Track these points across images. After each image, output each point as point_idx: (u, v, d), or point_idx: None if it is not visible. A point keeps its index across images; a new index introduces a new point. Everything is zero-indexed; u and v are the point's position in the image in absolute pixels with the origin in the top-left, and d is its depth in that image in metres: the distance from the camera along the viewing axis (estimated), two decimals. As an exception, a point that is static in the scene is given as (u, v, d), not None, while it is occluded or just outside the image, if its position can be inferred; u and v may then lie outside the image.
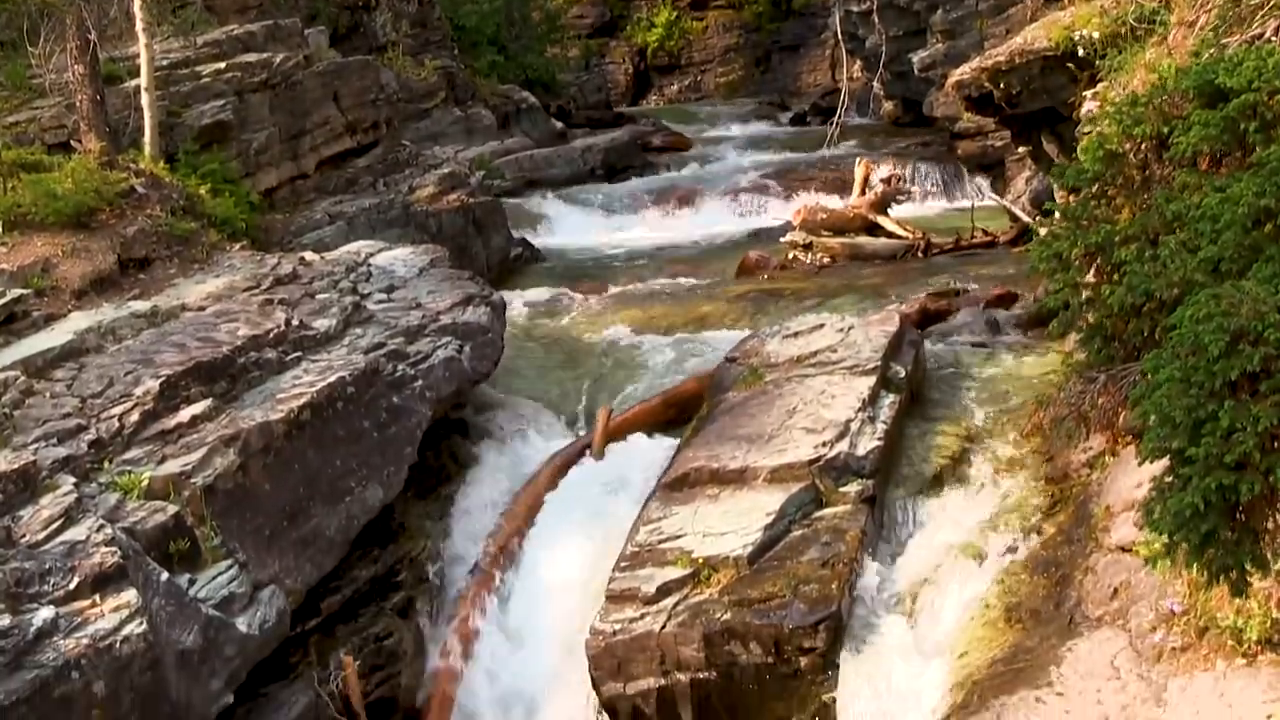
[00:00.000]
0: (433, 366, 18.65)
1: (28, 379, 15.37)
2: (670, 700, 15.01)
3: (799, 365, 19.59)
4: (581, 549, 17.76)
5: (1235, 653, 11.69)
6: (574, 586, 17.29)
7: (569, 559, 17.77)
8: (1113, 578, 13.66)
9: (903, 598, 15.64)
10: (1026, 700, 12.49)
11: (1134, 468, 13.98)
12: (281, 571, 14.90)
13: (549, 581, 17.57)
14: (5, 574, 11.87)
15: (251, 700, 14.48)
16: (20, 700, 10.94)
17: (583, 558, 17.58)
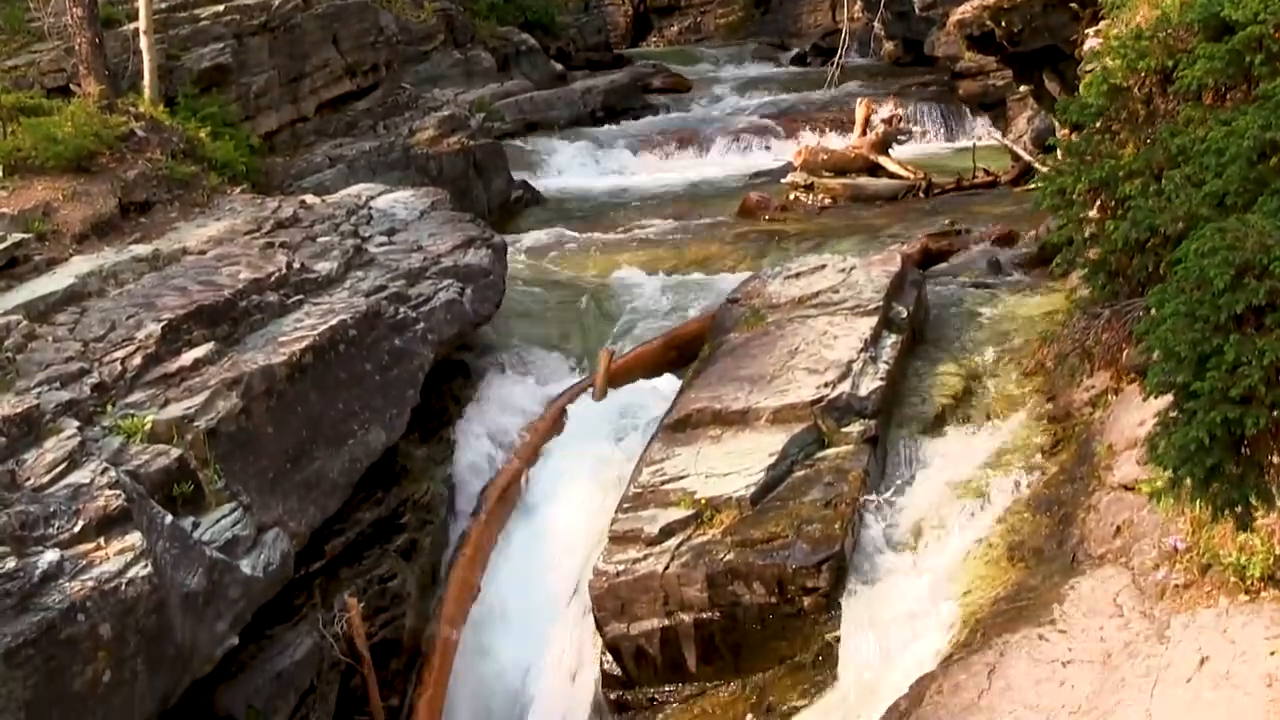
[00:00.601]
0: (434, 309, 18.64)
1: (30, 323, 15.34)
2: (674, 640, 15.05)
3: (801, 306, 19.58)
4: (584, 490, 17.79)
5: (1238, 589, 11.70)
6: (577, 528, 17.33)
7: (571, 501, 17.81)
8: (1115, 516, 13.67)
9: (905, 537, 15.66)
10: (1029, 638, 12.50)
11: (1137, 406, 14.00)
12: (285, 514, 14.91)
13: (552, 523, 17.61)
14: (10, 517, 11.87)
15: (256, 642, 14.51)
16: (27, 642, 10.95)
17: (585, 499, 17.62)
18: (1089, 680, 11.62)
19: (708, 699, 15.01)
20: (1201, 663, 10.99)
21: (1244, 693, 10.47)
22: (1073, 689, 11.59)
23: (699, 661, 15.07)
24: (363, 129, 29.62)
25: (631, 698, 15.34)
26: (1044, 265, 20.21)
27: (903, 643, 14.25)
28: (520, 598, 16.94)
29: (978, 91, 37.01)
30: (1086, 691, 11.46)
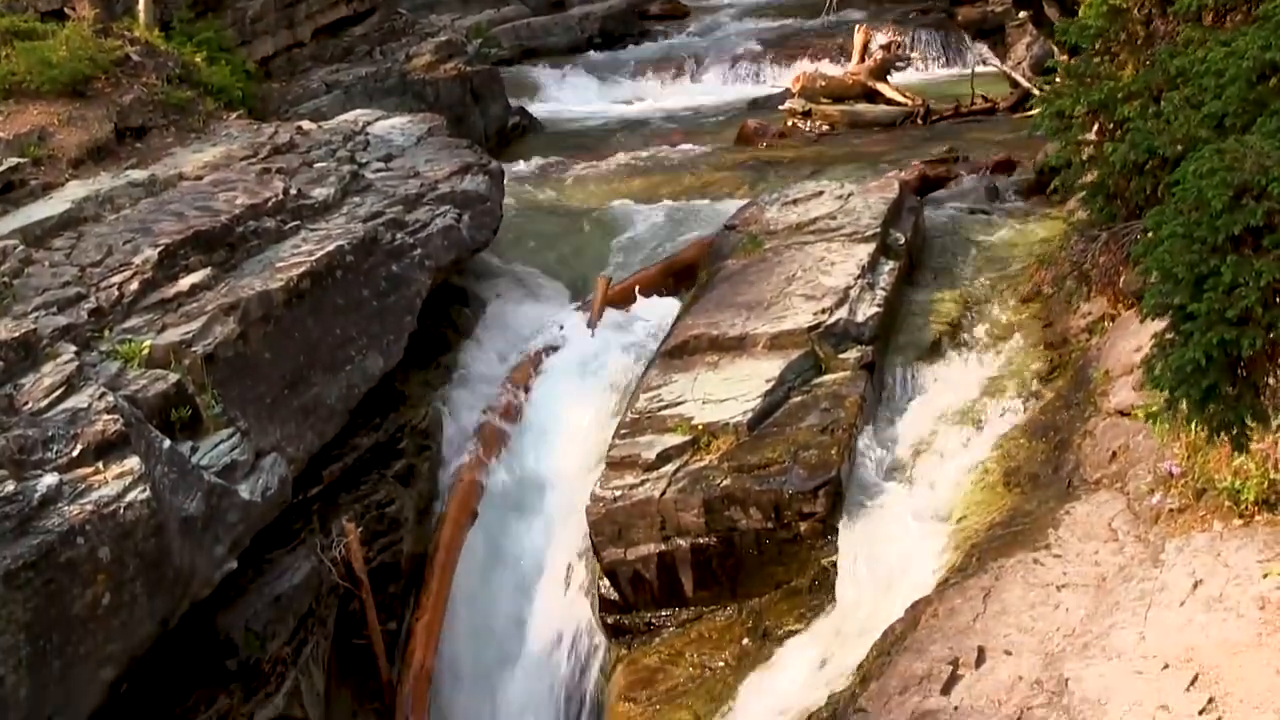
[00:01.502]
0: (431, 235, 18.61)
1: (26, 248, 15.33)
2: (670, 565, 15.11)
3: (798, 232, 19.58)
4: (581, 417, 17.83)
5: (1232, 514, 11.75)
6: (573, 453, 17.37)
7: (568, 427, 17.84)
8: (1111, 441, 13.71)
9: (902, 463, 15.72)
10: (1024, 562, 12.56)
11: (1133, 332, 14.04)
12: (283, 439, 14.93)
13: (549, 449, 17.65)
14: (8, 441, 11.89)
15: (255, 566, 14.57)
16: (27, 565, 11.00)
17: (582, 425, 17.66)
18: (1083, 603, 11.68)
19: (704, 623, 15.10)
20: (1195, 586, 11.06)
21: (1237, 615, 10.54)
22: (1067, 612, 11.65)
23: (696, 586, 15.13)
24: (359, 55, 29.47)
25: (629, 622, 15.41)
26: (1042, 192, 20.21)
27: (899, 567, 14.31)
28: (518, 522, 17.01)
29: (976, 18, 36.88)
30: (1080, 614, 11.52)
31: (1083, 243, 13.85)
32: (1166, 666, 10.25)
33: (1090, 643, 10.96)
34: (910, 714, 11.13)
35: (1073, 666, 10.66)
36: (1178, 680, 10.03)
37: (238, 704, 13.70)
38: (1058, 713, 10.26)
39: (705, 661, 14.73)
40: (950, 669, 11.42)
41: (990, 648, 11.52)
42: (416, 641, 15.89)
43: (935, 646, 11.87)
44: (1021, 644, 11.44)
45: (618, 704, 14.81)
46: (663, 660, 14.95)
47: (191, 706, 13.46)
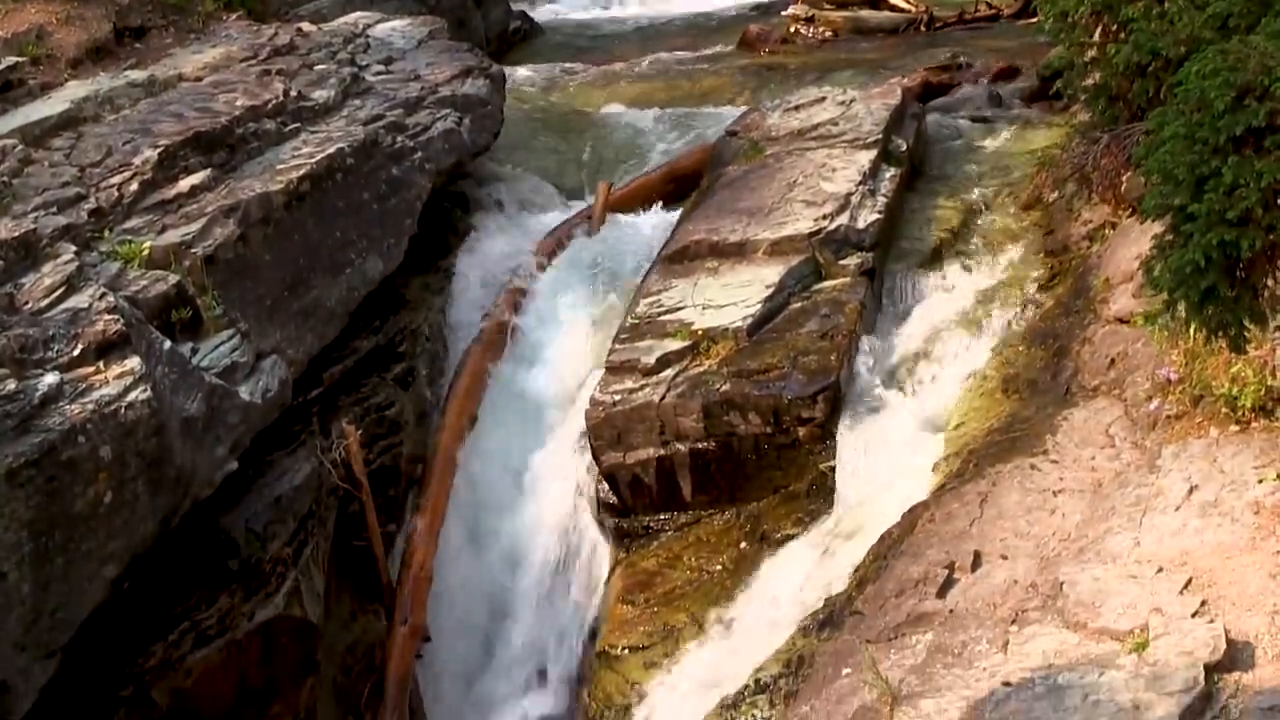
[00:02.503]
0: (432, 139, 18.54)
1: (25, 147, 15.26)
2: (669, 470, 15.18)
3: (800, 139, 19.51)
4: (580, 320, 17.85)
5: (1229, 420, 11.80)
6: (573, 358, 17.41)
7: (568, 331, 17.87)
8: (1110, 348, 13.75)
9: (901, 369, 15.76)
10: (1021, 468, 12.63)
11: (1134, 239, 14.03)
12: (283, 341, 14.94)
13: (548, 353, 17.68)
14: (9, 340, 11.88)
15: (255, 468, 14.62)
16: (28, 463, 11.02)
17: (582, 330, 17.68)
18: (1079, 509, 11.76)
19: (703, 527, 15.19)
20: (1191, 491, 11.12)
21: (1231, 520, 10.60)
22: (1063, 517, 11.73)
23: (694, 491, 15.22)
24: (359, -44, 29.21)
25: (628, 525, 15.51)
26: (1045, 99, 20.11)
27: (896, 473, 14.39)
28: (517, 427, 17.06)
29: (982, -77, 36.47)
30: (1077, 520, 11.60)
31: (1084, 145, 13.79)
32: (1161, 570, 10.33)
33: (1085, 547, 11.04)
34: (906, 617, 11.22)
35: (1068, 570, 10.73)
36: (1172, 583, 10.11)
37: (238, 603, 13.78)
38: (1052, 615, 10.34)
39: (703, 565, 14.83)
40: (946, 573, 11.52)
41: (986, 552, 11.61)
42: (416, 543, 16.00)
43: (931, 551, 11.96)
44: (1017, 548, 11.53)
45: (616, 606, 14.93)
46: (661, 563, 15.06)
47: (193, 605, 13.54)
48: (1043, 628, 10.26)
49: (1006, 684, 9.72)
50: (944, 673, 10.20)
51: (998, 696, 9.62)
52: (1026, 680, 9.68)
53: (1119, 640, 9.77)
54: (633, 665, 14.21)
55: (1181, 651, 9.37)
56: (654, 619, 14.52)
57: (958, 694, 9.86)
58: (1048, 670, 9.71)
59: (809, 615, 12.93)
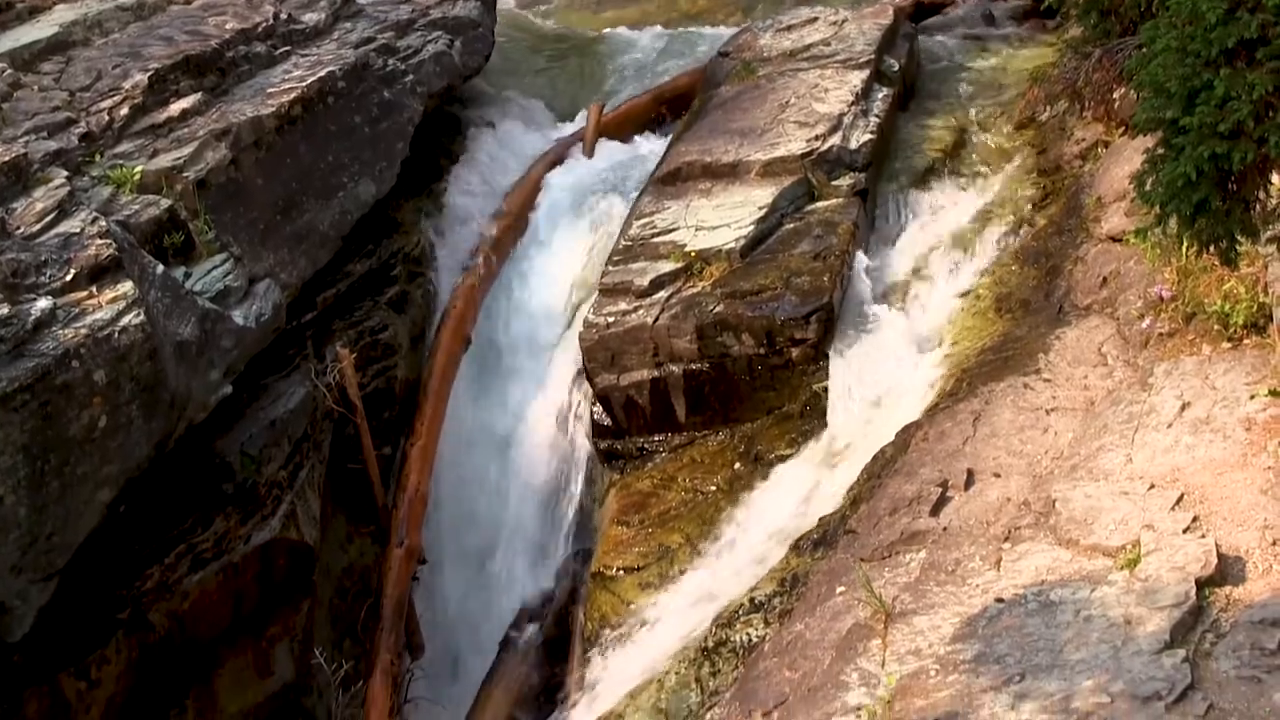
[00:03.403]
0: (423, 61, 18.49)
1: (14, 72, 15.18)
2: (663, 391, 15.21)
3: (792, 59, 19.45)
4: (574, 243, 17.83)
5: (1221, 337, 11.81)
6: (567, 280, 17.41)
7: (561, 253, 17.86)
8: (1102, 267, 13.75)
9: (894, 289, 15.77)
10: (1014, 386, 12.65)
11: (1126, 158, 14.01)
12: (276, 265, 14.92)
13: (542, 275, 17.68)
14: (2, 265, 11.85)
15: (250, 391, 14.62)
16: (22, 387, 11.01)
17: (575, 251, 17.67)
18: (1072, 426, 11.78)
19: (697, 448, 15.23)
20: (1182, 408, 11.14)
21: (1223, 436, 10.63)
22: (1056, 435, 11.76)
23: (688, 412, 15.25)
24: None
25: (621, 447, 15.55)
26: (1037, 17, 20.05)
27: (889, 392, 14.41)
28: (511, 349, 17.09)
29: None
30: (1069, 437, 11.62)
31: (1076, 60, 13.75)
32: (1153, 487, 10.36)
33: (1078, 465, 11.07)
34: (899, 535, 11.26)
35: (1060, 488, 10.76)
36: (1163, 500, 10.14)
37: (234, 526, 13.82)
38: (1045, 532, 10.38)
39: (697, 485, 14.88)
40: (939, 491, 11.55)
41: (979, 470, 11.64)
42: (411, 466, 16.04)
43: (925, 469, 11.99)
44: (1010, 466, 11.56)
45: (611, 527, 14.98)
46: (655, 484, 15.10)
47: (189, 529, 13.58)
48: (1035, 545, 10.30)
49: (999, 600, 9.77)
50: (937, 590, 10.25)
51: (990, 613, 9.67)
52: (1019, 596, 9.72)
53: (1111, 556, 9.81)
54: (628, 586, 14.26)
55: (1173, 567, 9.40)
56: (648, 540, 14.57)
57: (951, 610, 9.91)
58: (1040, 586, 9.75)
59: (803, 534, 12.98)
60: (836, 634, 10.39)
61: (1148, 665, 8.54)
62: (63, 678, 12.37)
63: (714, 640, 12.20)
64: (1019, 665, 8.97)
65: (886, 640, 9.90)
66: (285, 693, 14.51)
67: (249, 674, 14.20)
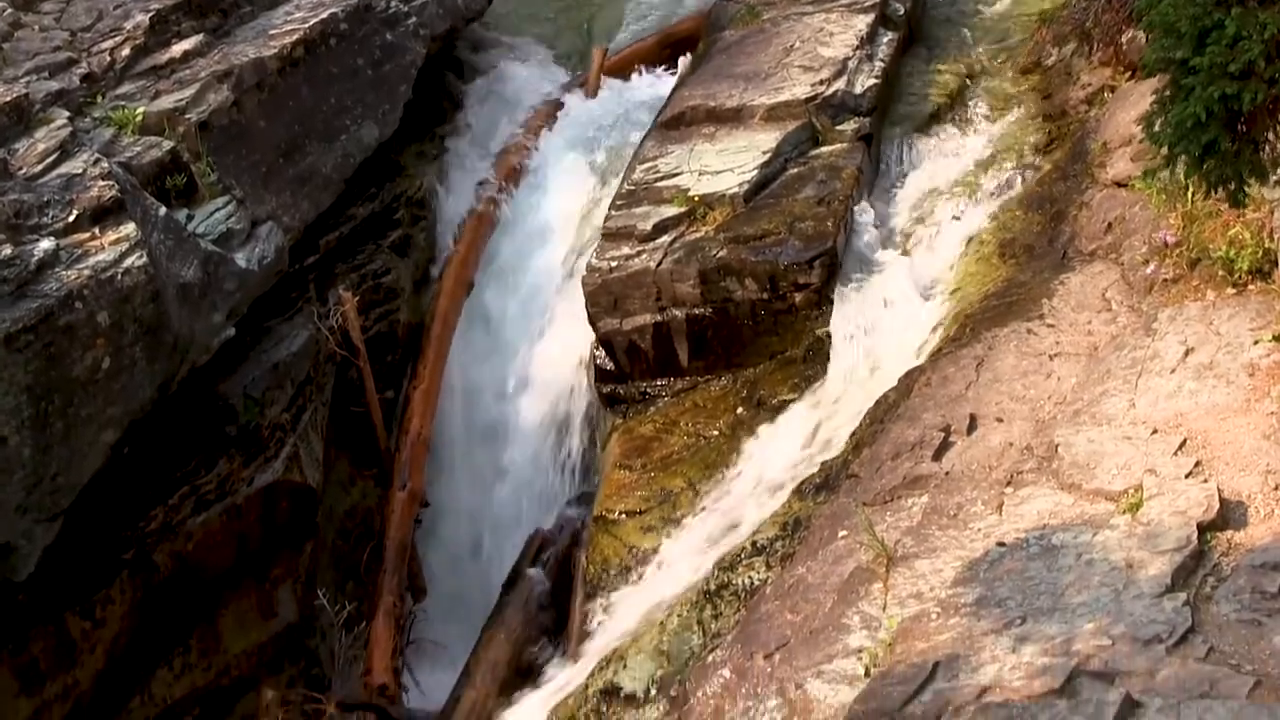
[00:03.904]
0: (426, 3, 18.42)
1: (15, 11, 15.14)
2: (666, 336, 15.18)
3: (797, 3, 19.32)
4: (577, 188, 17.80)
5: (1225, 283, 11.78)
6: (569, 224, 17.38)
7: (564, 198, 17.83)
8: (1107, 212, 13.71)
9: (898, 235, 15.72)
10: (1018, 332, 12.62)
11: (1133, 103, 13.96)
12: (279, 208, 14.93)
13: (544, 220, 17.65)
14: (4, 205, 11.87)
15: (253, 335, 14.65)
16: (26, 328, 11.05)
17: (578, 196, 17.64)
18: (1075, 372, 11.76)
19: (699, 393, 15.21)
20: (1186, 354, 11.12)
21: (1226, 381, 10.61)
22: (1059, 380, 11.75)
23: (691, 356, 15.23)
24: None
25: (624, 391, 15.53)
26: (1046, -38, 19.90)
27: (892, 338, 14.40)
28: (514, 292, 17.08)
29: None
30: (1072, 383, 11.61)
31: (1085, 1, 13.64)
32: (1155, 432, 10.36)
33: (1081, 410, 11.06)
34: (902, 479, 11.26)
35: (1063, 433, 10.76)
36: (1166, 445, 10.14)
37: (237, 468, 13.88)
38: (1047, 477, 10.38)
39: (700, 430, 14.87)
40: (942, 436, 11.54)
41: (982, 415, 11.63)
42: (413, 409, 16.07)
43: (928, 414, 11.99)
44: (1013, 411, 11.55)
45: (613, 472, 14.97)
46: (658, 429, 15.09)
47: (192, 470, 13.65)
48: (1037, 489, 10.30)
49: (1001, 544, 9.77)
50: (939, 534, 10.26)
51: (992, 557, 9.68)
52: (1021, 541, 9.73)
53: (1113, 501, 9.82)
54: (630, 529, 14.28)
55: (1175, 511, 9.41)
56: (651, 484, 14.57)
57: (953, 554, 9.93)
58: (1042, 531, 9.76)
59: (805, 479, 12.98)
60: (838, 577, 10.41)
61: (1149, 608, 8.56)
62: (68, 617, 12.47)
63: (716, 583, 12.22)
64: (1020, 609, 8.99)
65: (888, 583, 9.92)
66: (288, 633, 14.60)
67: (252, 615, 14.29)
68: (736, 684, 10.34)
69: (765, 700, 9.56)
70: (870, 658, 9.20)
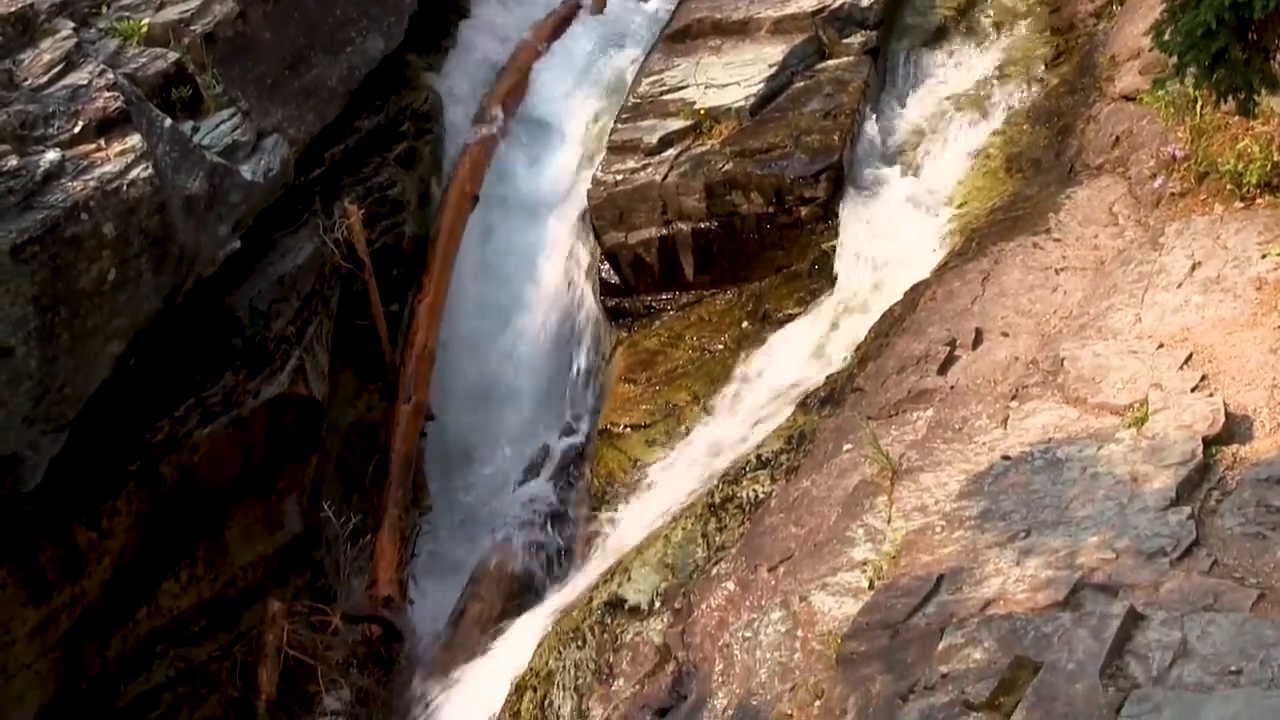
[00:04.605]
0: (432, -86, 18.27)
1: (19, -78, 15.02)
2: (671, 249, 15.19)
3: (804, -85, 19.15)
4: (582, 100, 17.72)
5: (1233, 197, 11.75)
6: (575, 138, 17.33)
7: (569, 111, 17.75)
8: (1115, 126, 13.66)
9: (904, 149, 15.68)
10: (1024, 246, 12.61)
11: (1141, 15, 13.90)
12: (284, 120, 14.87)
13: (550, 133, 17.59)
14: (9, 116, 11.82)
15: (259, 247, 14.62)
16: (32, 239, 11.04)
17: (585, 109, 17.56)
18: (1081, 286, 11.77)
19: (704, 306, 15.23)
20: (1193, 268, 11.12)
21: (1233, 295, 10.61)
22: (1065, 294, 11.75)
23: (696, 270, 15.24)
24: None
25: (629, 305, 15.57)
26: None
27: (898, 252, 14.38)
28: (519, 206, 17.04)
29: None
30: (1078, 297, 11.61)
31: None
32: (1161, 346, 10.36)
33: (1087, 324, 11.07)
34: (907, 393, 11.29)
35: (1069, 346, 10.77)
36: (1172, 359, 10.15)
37: (243, 381, 13.89)
38: (1052, 390, 10.39)
39: (705, 344, 14.90)
40: (947, 350, 11.56)
41: (988, 329, 11.64)
42: (419, 322, 16.06)
43: (933, 328, 12.00)
44: (1019, 325, 11.56)
45: (618, 385, 15.02)
46: (663, 343, 15.12)
47: (198, 383, 13.65)
48: (1043, 403, 10.32)
49: (1006, 458, 9.80)
50: (944, 447, 10.29)
51: (997, 470, 9.71)
52: (1026, 454, 9.75)
53: (1118, 415, 9.83)
54: (634, 442, 14.33)
55: (1180, 425, 9.43)
56: (656, 397, 14.61)
57: (957, 468, 9.96)
58: (1047, 444, 9.78)
59: (810, 392, 12.99)
60: (843, 490, 10.45)
61: (1153, 522, 8.59)
62: (75, 528, 12.52)
63: (720, 496, 12.24)
64: (1024, 521, 9.03)
65: (893, 497, 9.96)
66: (294, 545, 14.66)
67: (258, 527, 14.35)
68: (740, 596, 10.41)
69: (769, 612, 9.60)
70: (874, 570, 9.24)
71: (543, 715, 11.41)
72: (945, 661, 7.88)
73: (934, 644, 8.08)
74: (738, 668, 9.52)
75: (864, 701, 8.05)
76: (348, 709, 14.17)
